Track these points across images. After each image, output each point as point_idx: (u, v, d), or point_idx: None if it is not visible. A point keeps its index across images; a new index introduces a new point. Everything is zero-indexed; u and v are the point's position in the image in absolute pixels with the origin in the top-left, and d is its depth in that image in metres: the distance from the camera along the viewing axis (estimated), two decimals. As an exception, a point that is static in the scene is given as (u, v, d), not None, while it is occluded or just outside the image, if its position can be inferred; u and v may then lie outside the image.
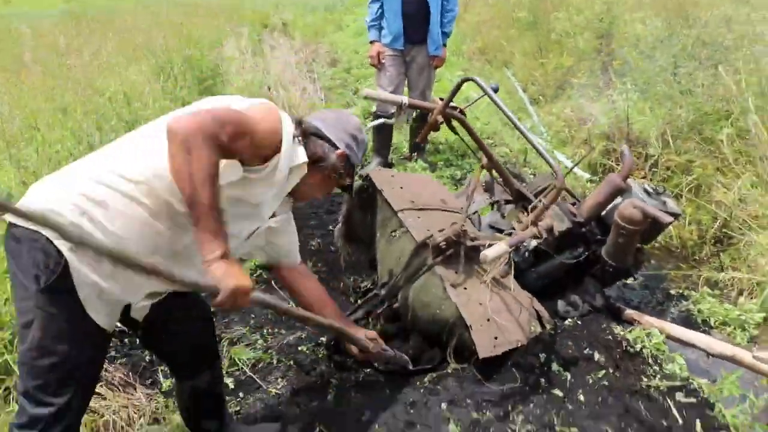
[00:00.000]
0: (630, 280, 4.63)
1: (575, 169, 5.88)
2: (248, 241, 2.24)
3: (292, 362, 3.10)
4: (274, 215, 2.32)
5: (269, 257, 2.56)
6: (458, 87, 2.91)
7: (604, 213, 3.64)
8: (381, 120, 4.80)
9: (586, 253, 3.63)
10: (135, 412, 2.82)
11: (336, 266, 3.89)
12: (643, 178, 5.65)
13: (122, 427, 2.75)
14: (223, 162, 1.87)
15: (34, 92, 5.66)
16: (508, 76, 9.80)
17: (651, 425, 2.56)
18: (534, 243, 2.71)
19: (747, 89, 5.19)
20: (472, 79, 2.79)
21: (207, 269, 1.80)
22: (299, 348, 3.20)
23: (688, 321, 4.08)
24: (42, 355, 1.88)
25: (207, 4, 12.87)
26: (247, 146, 1.92)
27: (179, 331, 2.31)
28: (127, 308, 2.04)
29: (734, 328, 3.98)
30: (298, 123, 2.19)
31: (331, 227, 3.94)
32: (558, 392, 2.62)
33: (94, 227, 1.82)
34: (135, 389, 2.95)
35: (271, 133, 2.01)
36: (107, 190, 1.85)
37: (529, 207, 3.22)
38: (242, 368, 3.09)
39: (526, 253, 3.16)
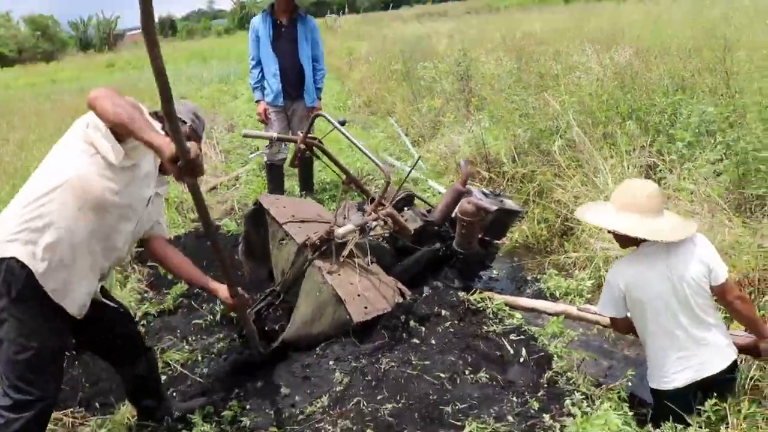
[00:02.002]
0: (494, 273, 5.61)
1: (436, 186, 6.89)
2: (147, 208, 2.87)
3: (212, 355, 3.86)
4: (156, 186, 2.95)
5: (149, 231, 3.08)
6: (312, 121, 3.83)
7: (453, 215, 4.58)
8: (260, 152, 5.67)
9: (443, 247, 4.55)
10: None
11: (244, 285, 4.66)
12: (502, 189, 6.70)
13: None
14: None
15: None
16: (392, 123, 10.84)
17: (486, 354, 3.43)
18: (375, 224, 3.55)
19: (569, 108, 6.35)
20: (322, 115, 3.71)
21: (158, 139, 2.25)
22: (217, 346, 3.97)
23: (539, 296, 5.03)
24: (18, 350, 2.50)
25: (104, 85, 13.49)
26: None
27: (116, 326, 3.05)
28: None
29: (574, 296, 4.96)
30: (154, 113, 2.79)
31: (237, 256, 4.73)
32: (415, 340, 3.46)
33: (41, 233, 2.49)
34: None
35: None
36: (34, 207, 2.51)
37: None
38: (174, 367, 3.81)
39: (376, 238, 4.05)
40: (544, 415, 2.88)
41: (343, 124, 3.75)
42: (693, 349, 3.19)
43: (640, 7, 18.93)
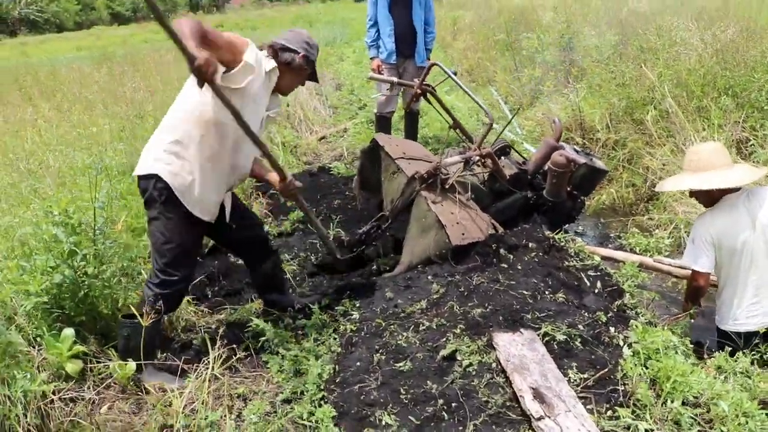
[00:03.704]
0: (580, 228, 6.05)
1: (532, 149, 7.31)
2: (262, 129, 3.45)
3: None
4: (268, 109, 3.50)
5: None
6: (428, 69, 4.37)
7: (545, 167, 5.04)
8: (377, 95, 6.33)
9: (534, 195, 5.02)
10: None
11: (353, 216, 5.31)
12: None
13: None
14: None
15: (104, 113, 7.19)
16: (492, 92, 11.22)
17: (565, 282, 3.91)
18: (476, 159, 4.08)
19: (665, 80, 6.64)
20: (437, 64, 4.25)
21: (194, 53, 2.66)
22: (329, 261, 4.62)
23: (621, 250, 5.45)
24: (165, 242, 3.22)
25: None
26: (222, 44, 3.02)
27: (248, 231, 3.75)
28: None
29: (652, 253, 5.34)
30: (270, 46, 3.46)
31: (347, 192, 5.37)
32: (504, 265, 3.96)
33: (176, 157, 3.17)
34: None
35: (234, 41, 3.12)
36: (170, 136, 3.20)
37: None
38: (292, 275, 4.49)
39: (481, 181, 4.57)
40: (611, 328, 3.36)
41: (455, 74, 4.28)
42: (766, 297, 3.58)
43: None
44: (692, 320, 4.00)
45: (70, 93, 9.44)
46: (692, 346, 3.64)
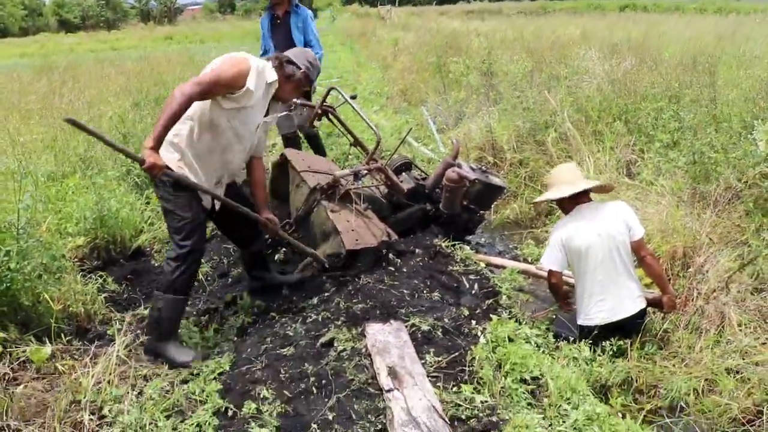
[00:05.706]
0: (482, 240, 6.59)
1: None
2: (256, 132, 3.93)
3: (237, 269, 4.94)
4: (267, 115, 4.00)
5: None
6: (328, 92, 4.87)
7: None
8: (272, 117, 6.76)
9: (432, 209, 5.52)
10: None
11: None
12: (504, 173, 7.65)
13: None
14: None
15: (39, 120, 7.50)
16: (423, 113, 11.79)
17: (445, 283, 4.41)
18: (365, 173, 4.59)
19: (566, 106, 7.27)
20: (335, 88, 4.75)
21: (143, 151, 3.37)
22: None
23: (515, 259, 5.99)
24: (176, 219, 3.66)
25: (168, 58, 14.76)
26: (221, 88, 3.56)
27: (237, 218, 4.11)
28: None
29: (542, 262, 5.90)
30: (276, 57, 3.95)
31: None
32: (391, 268, 4.46)
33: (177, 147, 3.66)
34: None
35: (237, 75, 3.57)
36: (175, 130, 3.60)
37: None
38: (205, 275, 4.91)
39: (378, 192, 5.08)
40: (473, 321, 3.87)
41: (353, 98, 4.78)
42: (611, 295, 4.15)
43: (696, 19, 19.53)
44: (555, 316, 4.54)
45: (7, 101, 9.66)
46: (555, 339, 4.19)
